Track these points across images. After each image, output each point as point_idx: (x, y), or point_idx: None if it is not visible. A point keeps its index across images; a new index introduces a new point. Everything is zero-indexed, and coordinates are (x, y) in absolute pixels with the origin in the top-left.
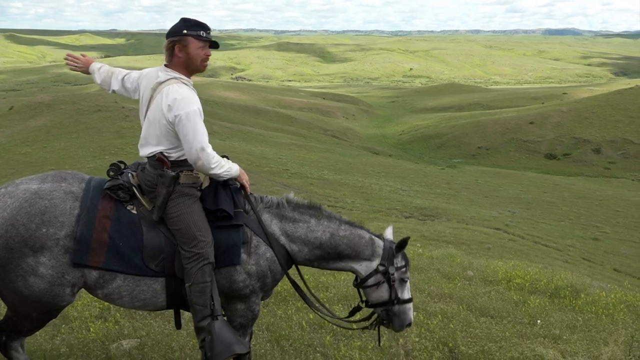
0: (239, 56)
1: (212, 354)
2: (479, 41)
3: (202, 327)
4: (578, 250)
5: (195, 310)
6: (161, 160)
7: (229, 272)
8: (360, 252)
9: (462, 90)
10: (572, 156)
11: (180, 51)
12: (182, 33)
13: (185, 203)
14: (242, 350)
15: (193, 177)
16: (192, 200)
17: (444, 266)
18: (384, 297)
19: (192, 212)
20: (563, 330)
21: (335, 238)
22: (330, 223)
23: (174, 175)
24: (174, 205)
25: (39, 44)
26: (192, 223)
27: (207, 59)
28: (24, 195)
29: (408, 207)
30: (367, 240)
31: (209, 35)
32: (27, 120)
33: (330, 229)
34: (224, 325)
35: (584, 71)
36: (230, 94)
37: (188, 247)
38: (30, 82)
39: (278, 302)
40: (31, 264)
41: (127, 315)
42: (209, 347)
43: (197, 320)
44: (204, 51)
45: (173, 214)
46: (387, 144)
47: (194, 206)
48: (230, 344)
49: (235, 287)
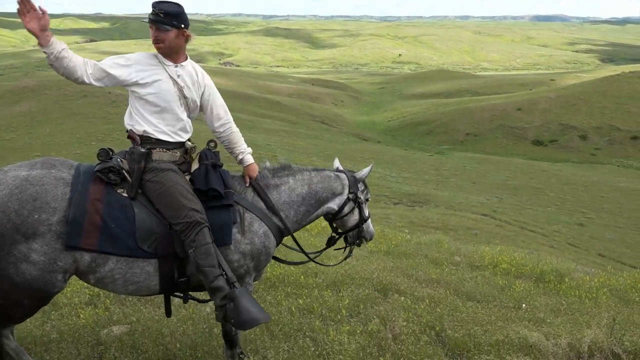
0: (227, 41)
1: (236, 322)
2: (468, 27)
3: (217, 287)
4: (564, 236)
5: (205, 272)
6: (131, 137)
7: (223, 252)
8: (335, 189)
9: (450, 76)
10: (558, 142)
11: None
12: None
13: (167, 176)
14: (266, 319)
15: (168, 155)
16: (173, 173)
17: (432, 252)
18: (356, 220)
19: (175, 184)
20: (547, 313)
21: (312, 186)
22: (303, 176)
23: (143, 151)
24: (156, 182)
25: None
26: (177, 193)
27: (156, 40)
28: (14, 182)
29: (397, 193)
30: (334, 177)
31: (151, 16)
32: (11, 106)
33: (305, 181)
34: (245, 293)
35: (572, 58)
36: (218, 79)
37: (180, 219)
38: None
39: (267, 287)
40: (23, 251)
41: (117, 301)
42: (234, 314)
43: (210, 282)
44: (152, 32)
45: (157, 190)
46: (376, 130)
47: (177, 178)
48: (255, 315)
49: (230, 268)
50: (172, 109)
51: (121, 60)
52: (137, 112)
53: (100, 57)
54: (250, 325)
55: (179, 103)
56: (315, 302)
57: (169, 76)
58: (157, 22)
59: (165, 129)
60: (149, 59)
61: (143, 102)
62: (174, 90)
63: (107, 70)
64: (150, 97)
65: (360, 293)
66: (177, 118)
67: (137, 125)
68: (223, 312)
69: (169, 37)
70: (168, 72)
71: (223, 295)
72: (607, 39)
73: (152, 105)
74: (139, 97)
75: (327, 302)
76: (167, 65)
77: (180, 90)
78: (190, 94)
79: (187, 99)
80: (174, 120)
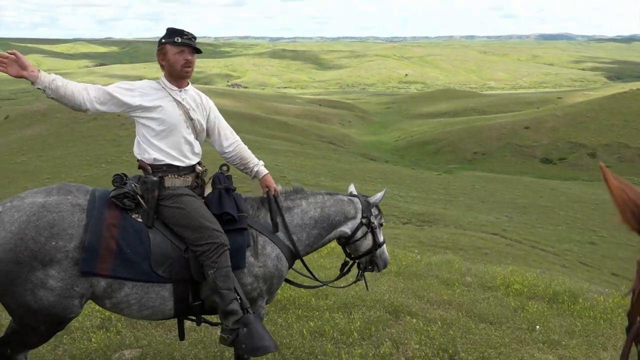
0: (235, 63)
1: (248, 348)
2: (474, 47)
3: (231, 311)
4: (575, 255)
5: (222, 295)
6: (142, 167)
7: (237, 275)
8: (347, 212)
9: (457, 95)
10: (567, 160)
11: (162, 60)
12: (161, 42)
13: (184, 200)
14: (275, 348)
15: (181, 180)
16: (190, 197)
17: (443, 272)
18: (369, 245)
19: (196, 207)
20: (562, 335)
21: (325, 210)
22: (316, 199)
23: (156, 180)
24: (174, 207)
25: (34, 52)
26: (199, 215)
27: (188, 63)
28: (31, 208)
29: (405, 213)
30: (347, 201)
31: (186, 40)
32: (23, 129)
33: (318, 204)
34: (259, 320)
35: (578, 76)
36: (226, 101)
37: (204, 240)
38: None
39: (278, 310)
40: (40, 277)
41: (129, 325)
42: (247, 339)
43: (226, 304)
44: (182, 56)
45: (177, 215)
46: (383, 150)
47: (195, 202)
48: (267, 342)
49: (243, 291)
50: (178, 132)
51: (125, 85)
52: (144, 139)
53: (110, 80)
54: (262, 353)
55: (185, 125)
56: (326, 324)
57: (173, 99)
58: (190, 47)
59: (174, 152)
60: (152, 85)
61: (148, 127)
62: (179, 112)
63: (112, 93)
64: (156, 121)
65: (372, 315)
66: (184, 141)
67: (145, 154)
68: (233, 336)
69: (194, 62)
70: (172, 96)
71: (236, 319)
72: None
73: (158, 129)
74: (144, 122)
75: (338, 324)
76: (171, 90)
77: (186, 113)
78: (196, 116)
79: (193, 120)
80: (181, 143)
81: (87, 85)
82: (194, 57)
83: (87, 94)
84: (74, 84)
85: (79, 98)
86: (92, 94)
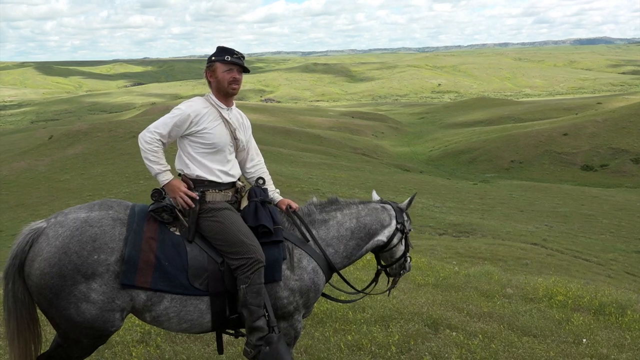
0: (267, 79)
1: None
2: (508, 54)
3: (257, 327)
4: (621, 264)
5: (251, 310)
6: (184, 181)
7: (273, 288)
8: (383, 220)
9: (492, 104)
10: (609, 167)
11: (210, 76)
12: (210, 60)
13: (223, 214)
14: None
15: (221, 195)
16: (229, 211)
17: (482, 284)
18: (402, 250)
19: (233, 222)
20: (610, 349)
21: (361, 220)
22: (350, 210)
23: (197, 194)
24: (214, 221)
25: (75, 74)
26: (236, 230)
27: (235, 81)
28: (74, 223)
29: (441, 223)
30: (381, 209)
31: (235, 59)
32: (66, 149)
33: (353, 214)
34: (282, 340)
35: (618, 80)
36: (260, 116)
37: (240, 255)
38: (68, 111)
39: (315, 323)
40: (83, 291)
41: (168, 339)
42: (266, 358)
43: (253, 320)
44: (230, 74)
45: (214, 229)
46: (417, 160)
47: (234, 216)
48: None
49: (279, 304)
50: (224, 151)
51: (178, 121)
52: (188, 155)
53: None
54: None
55: (230, 144)
56: (364, 338)
57: (222, 118)
58: (239, 65)
59: (217, 171)
60: (202, 104)
61: (197, 144)
62: (227, 132)
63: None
64: (204, 140)
65: (410, 328)
66: (227, 159)
67: (186, 170)
68: (256, 351)
69: (242, 81)
70: (221, 114)
71: (260, 337)
72: None
73: (207, 147)
74: (192, 139)
75: (376, 338)
76: (220, 109)
77: (232, 132)
78: (240, 136)
79: (237, 140)
80: (225, 162)
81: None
82: (242, 76)
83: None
84: (162, 157)
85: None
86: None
